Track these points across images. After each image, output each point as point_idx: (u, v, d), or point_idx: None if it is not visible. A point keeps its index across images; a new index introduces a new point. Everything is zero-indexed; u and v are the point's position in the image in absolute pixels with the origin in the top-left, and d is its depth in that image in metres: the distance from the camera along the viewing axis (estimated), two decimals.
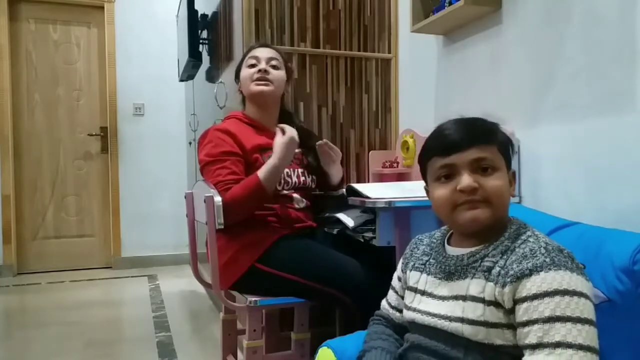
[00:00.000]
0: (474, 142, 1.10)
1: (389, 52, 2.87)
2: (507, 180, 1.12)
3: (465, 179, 1.08)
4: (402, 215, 1.81)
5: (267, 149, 2.06)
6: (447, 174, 1.12)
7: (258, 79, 2.10)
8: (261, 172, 1.92)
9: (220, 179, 1.94)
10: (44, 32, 4.99)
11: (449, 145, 1.11)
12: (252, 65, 2.13)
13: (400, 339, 1.27)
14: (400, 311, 1.28)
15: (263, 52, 2.15)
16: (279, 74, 2.15)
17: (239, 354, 2.31)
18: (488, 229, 1.10)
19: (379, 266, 1.81)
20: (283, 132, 1.99)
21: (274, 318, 2.37)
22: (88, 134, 5.12)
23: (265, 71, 2.10)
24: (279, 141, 1.96)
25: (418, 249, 1.28)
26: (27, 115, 4.97)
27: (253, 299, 1.90)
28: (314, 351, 1.42)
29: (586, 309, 0.94)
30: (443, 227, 1.28)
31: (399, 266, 1.33)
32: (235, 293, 2.11)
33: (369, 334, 1.30)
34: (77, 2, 5.03)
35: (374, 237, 1.84)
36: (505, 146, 1.15)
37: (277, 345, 2.31)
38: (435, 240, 1.25)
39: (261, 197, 1.93)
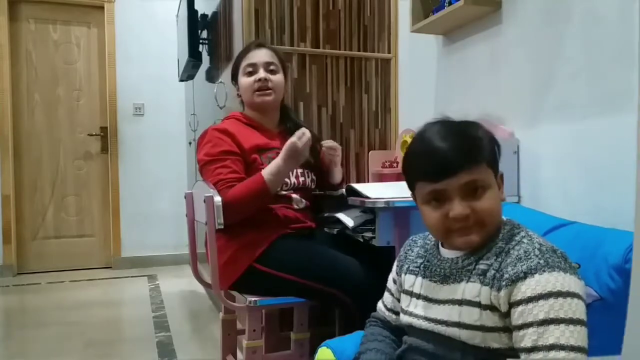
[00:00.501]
0: (464, 165, 1.06)
1: (389, 52, 2.87)
2: (497, 191, 1.11)
3: (457, 207, 1.06)
4: (402, 215, 1.81)
5: (265, 149, 2.07)
6: (437, 198, 1.09)
7: (259, 89, 2.10)
8: (265, 171, 1.92)
9: (221, 178, 1.94)
10: (44, 32, 4.99)
11: (438, 170, 1.07)
12: (250, 73, 2.12)
13: (397, 340, 1.27)
14: (396, 313, 1.28)
15: (259, 56, 2.13)
16: (279, 79, 2.14)
17: (239, 353, 2.31)
18: None
19: (379, 266, 1.81)
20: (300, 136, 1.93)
21: (273, 318, 2.37)
22: (88, 134, 5.11)
23: (265, 80, 2.09)
24: (291, 144, 1.90)
25: (412, 251, 1.27)
26: (27, 115, 4.96)
27: (252, 299, 1.90)
28: (313, 351, 1.42)
29: (579, 310, 0.95)
30: None
31: (394, 268, 1.32)
32: (235, 293, 2.11)
33: (366, 336, 1.30)
34: (77, 2, 5.03)
35: (374, 237, 1.84)
36: (493, 156, 1.13)
37: (277, 345, 2.30)
38: (429, 242, 1.25)
39: (263, 196, 1.92)
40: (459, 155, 1.07)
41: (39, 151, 5.00)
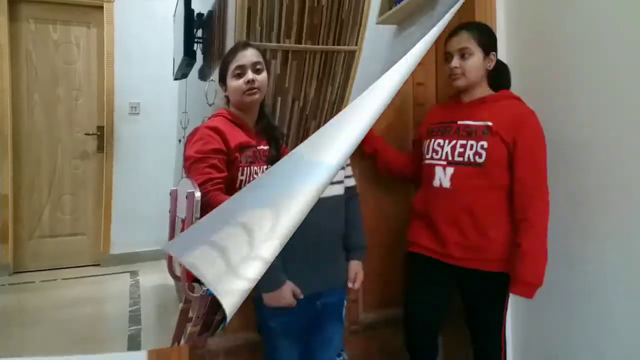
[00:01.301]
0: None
1: (356, 44, 2.84)
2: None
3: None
4: None
5: (246, 147, 2.11)
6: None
7: (248, 90, 2.13)
8: None
9: (210, 177, 1.99)
10: (44, 32, 5.02)
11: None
12: (239, 75, 2.14)
13: None
14: None
15: (247, 57, 2.16)
16: (264, 77, 2.18)
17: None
18: None
19: None
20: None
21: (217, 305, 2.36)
22: (85, 134, 5.13)
23: (253, 81, 2.12)
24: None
25: None
26: (26, 115, 4.99)
27: (205, 287, 1.90)
28: None
29: None
30: None
31: None
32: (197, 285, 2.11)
33: None
34: (77, 2, 5.07)
35: None
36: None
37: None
38: None
39: None
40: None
41: (38, 151, 5.02)
